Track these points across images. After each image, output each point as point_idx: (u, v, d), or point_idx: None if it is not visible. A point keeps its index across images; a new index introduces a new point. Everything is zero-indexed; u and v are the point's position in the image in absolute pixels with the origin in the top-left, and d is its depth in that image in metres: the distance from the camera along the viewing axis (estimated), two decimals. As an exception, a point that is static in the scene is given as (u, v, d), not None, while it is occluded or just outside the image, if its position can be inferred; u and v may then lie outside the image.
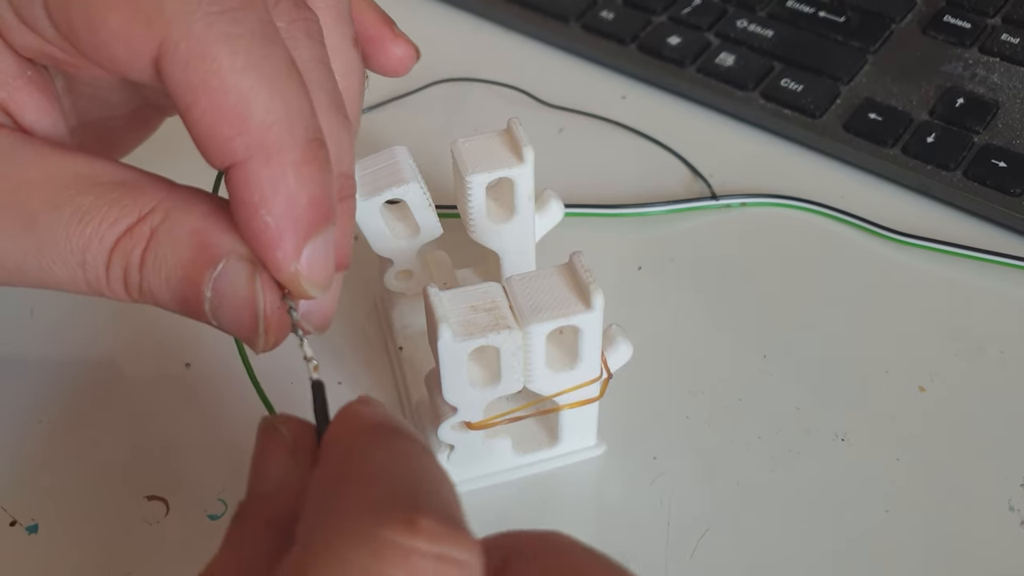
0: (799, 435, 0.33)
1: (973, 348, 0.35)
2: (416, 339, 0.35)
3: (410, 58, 0.31)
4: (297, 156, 0.22)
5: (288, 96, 0.22)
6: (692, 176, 0.42)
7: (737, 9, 0.47)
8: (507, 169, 0.31)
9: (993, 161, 0.39)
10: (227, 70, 0.21)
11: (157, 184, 0.24)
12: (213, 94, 0.21)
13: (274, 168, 0.22)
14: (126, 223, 0.23)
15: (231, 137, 0.22)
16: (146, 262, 0.23)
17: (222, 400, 0.34)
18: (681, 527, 0.31)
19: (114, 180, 0.23)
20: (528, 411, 0.30)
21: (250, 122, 0.22)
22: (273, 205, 0.22)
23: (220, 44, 0.21)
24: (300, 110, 0.22)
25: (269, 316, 0.23)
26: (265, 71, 0.22)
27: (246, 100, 0.22)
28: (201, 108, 0.22)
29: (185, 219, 0.23)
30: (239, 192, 0.22)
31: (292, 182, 0.22)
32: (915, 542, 0.30)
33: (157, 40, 0.21)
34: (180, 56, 0.21)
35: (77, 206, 0.23)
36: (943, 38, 0.44)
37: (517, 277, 0.28)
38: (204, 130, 0.22)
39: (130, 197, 0.23)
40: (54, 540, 0.31)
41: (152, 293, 0.24)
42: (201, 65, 0.21)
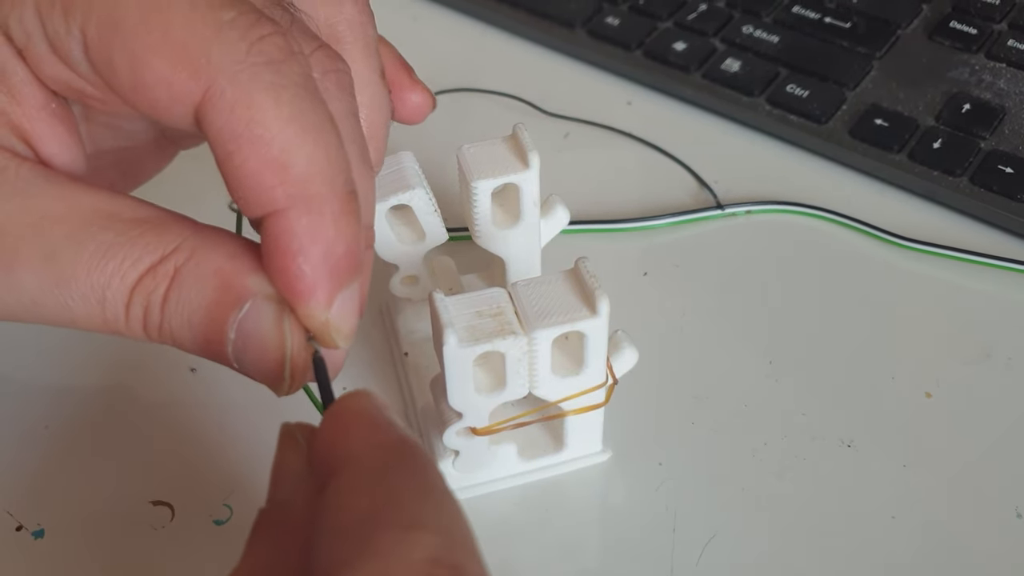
0: (805, 441, 0.33)
1: (979, 354, 0.35)
2: (421, 345, 0.35)
3: (426, 106, 0.31)
4: (336, 208, 0.22)
5: (329, 148, 0.22)
6: (698, 184, 0.42)
7: (743, 15, 0.47)
8: (513, 175, 0.31)
9: (999, 167, 0.39)
10: (272, 119, 0.22)
11: (182, 223, 0.24)
12: (257, 143, 0.22)
13: (314, 218, 0.22)
14: (149, 261, 0.23)
15: (273, 186, 0.22)
16: (168, 301, 0.23)
17: (228, 405, 0.34)
18: (687, 533, 0.31)
19: (137, 217, 0.23)
20: (533, 417, 0.30)
21: (292, 172, 0.22)
22: (311, 254, 0.22)
23: (265, 94, 0.22)
24: (340, 163, 0.23)
25: (296, 358, 0.23)
26: (308, 123, 0.22)
27: (289, 151, 0.22)
28: (243, 156, 0.22)
29: (210, 258, 0.23)
30: (277, 240, 0.22)
31: (331, 233, 0.22)
32: (921, 548, 0.30)
33: (203, 87, 0.22)
34: (225, 104, 0.22)
35: (99, 242, 0.23)
36: (949, 44, 0.44)
37: (522, 283, 0.28)
38: (245, 178, 0.22)
39: (154, 234, 0.23)
40: (60, 545, 0.31)
41: (172, 333, 0.23)
42: (246, 114, 0.22)
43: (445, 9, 0.51)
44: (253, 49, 0.22)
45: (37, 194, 0.23)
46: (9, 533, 0.31)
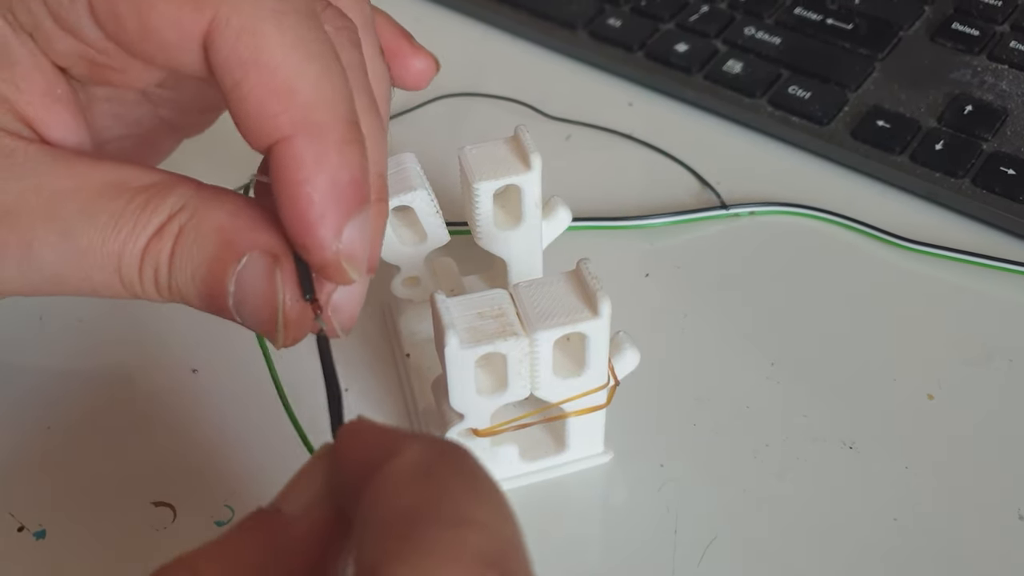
0: (807, 443, 0.33)
1: (982, 356, 0.35)
2: (423, 346, 0.35)
3: (430, 70, 0.31)
4: (339, 135, 0.23)
5: (332, 76, 0.23)
6: (700, 185, 0.42)
7: (745, 16, 0.47)
8: (514, 176, 0.31)
9: (1002, 168, 0.39)
10: (276, 46, 0.22)
11: (185, 183, 0.24)
12: (262, 70, 0.22)
13: (319, 146, 0.22)
14: (157, 223, 0.23)
15: (278, 113, 0.22)
16: (174, 259, 0.23)
17: (229, 406, 0.34)
18: (688, 535, 0.31)
19: (144, 183, 0.24)
20: (535, 418, 0.30)
21: (297, 99, 0.22)
22: (318, 182, 0.22)
23: (269, 21, 0.22)
24: (344, 91, 0.23)
25: (288, 311, 0.23)
26: (312, 51, 0.22)
27: (293, 77, 0.22)
28: (250, 84, 0.22)
29: (212, 216, 0.23)
30: (283, 169, 0.22)
31: (335, 160, 0.22)
32: (923, 550, 0.30)
33: (207, 18, 0.22)
34: (231, 32, 0.22)
35: (110, 212, 0.23)
36: (951, 45, 0.44)
37: (524, 284, 0.28)
38: (252, 106, 0.22)
39: (160, 197, 0.23)
40: (61, 546, 0.31)
41: (179, 290, 0.24)
42: (251, 40, 0.22)
43: (447, 11, 0.51)
44: None
45: (46, 172, 0.24)
46: (11, 534, 0.31)
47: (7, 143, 0.24)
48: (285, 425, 0.29)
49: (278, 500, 0.21)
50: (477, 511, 0.19)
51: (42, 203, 0.23)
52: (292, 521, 0.21)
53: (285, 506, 0.21)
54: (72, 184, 0.23)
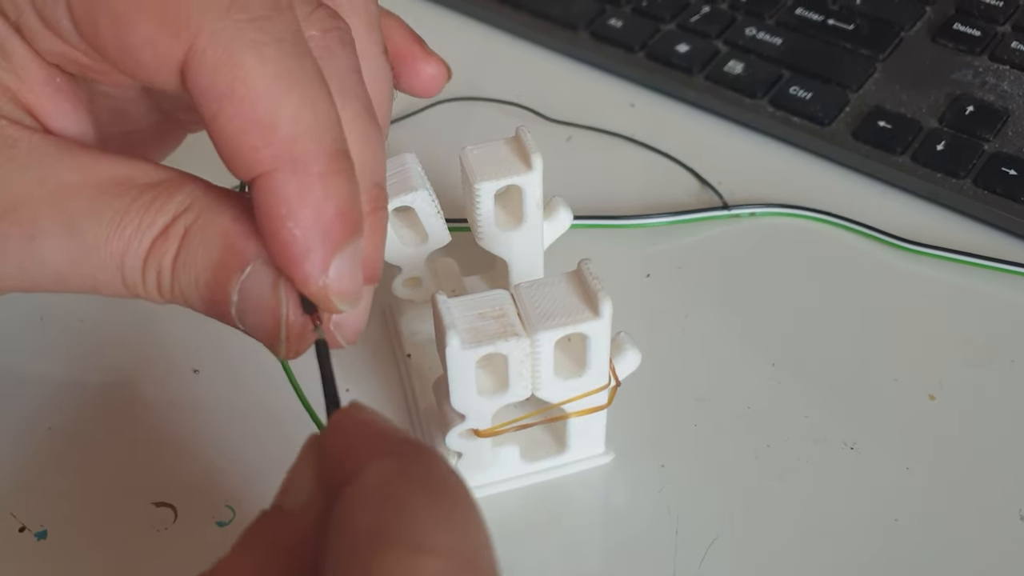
0: (808, 444, 0.33)
1: (983, 357, 0.35)
2: (424, 346, 0.35)
3: (441, 77, 0.30)
4: (323, 167, 0.22)
5: (316, 106, 0.22)
6: (701, 185, 0.42)
7: (746, 17, 0.47)
8: (515, 176, 0.31)
9: (1003, 169, 0.39)
10: (255, 78, 0.21)
11: (193, 183, 0.24)
12: (240, 103, 0.21)
13: (301, 180, 0.22)
14: (162, 223, 0.23)
15: (258, 148, 0.21)
16: (177, 262, 0.23)
17: (230, 406, 0.34)
18: (689, 536, 0.31)
19: (150, 181, 0.23)
20: (536, 419, 0.30)
21: (278, 132, 0.21)
22: (300, 217, 0.22)
23: (248, 52, 0.21)
24: (328, 120, 0.22)
25: (291, 324, 0.23)
26: (293, 80, 0.22)
27: (274, 110, 0.21)
28: (227, 116, 0.21)
29: (217, 220, 0.23)
30: (265, 204, 0.22)
31: (319, 193, 0.22)
32: (924, 551, 0.30)
33: (184, 46, 0.21)
34: (207, 63, 0.21)
35: (116, 209, 0.23)
36: (953, 46, 0.44)
37: (525, 284, 0.28)
38: (230, 140, 0.22)
39: (166, 196, 0.23)
40: (63, 546, 0.31)
41: (182, 293, 0.24)
42: (228, 73, 0.21)
43: (448, 11, 0.51)
44: (235, 5, 0.21)
45: (52, 164, 0.23)
46: (12, 534, 0.31)
47: (10, 132, 0.23)
48: (286, 425, 0.29)
49: (278, 498, 0.21)
50: (437, 533, 0.18)
51: (46, 196, 0.23)
52: (295, 517, 0.21)
53: (285, 503, 0.21)
54: (77, 177, 0.23)
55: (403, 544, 0.18)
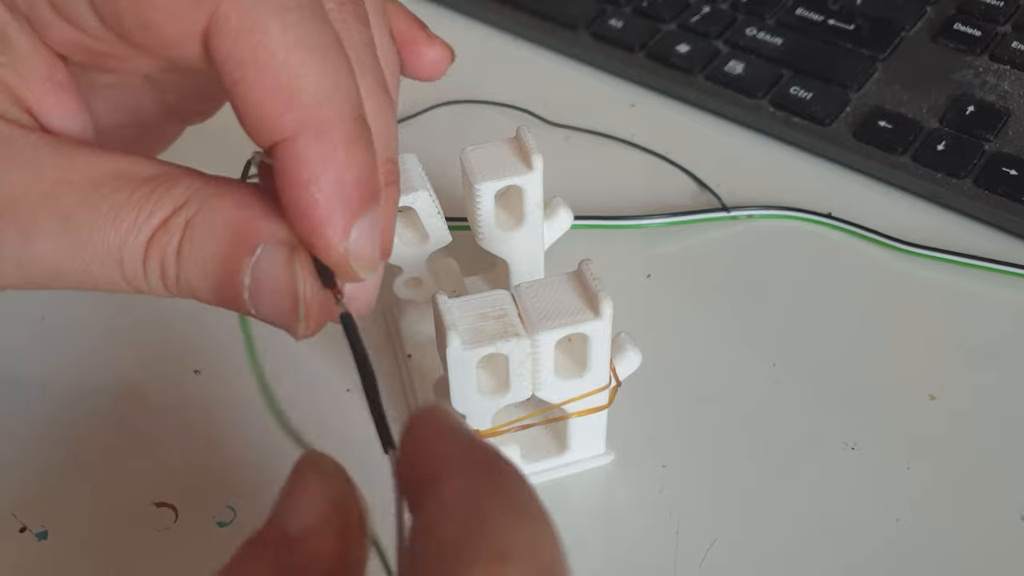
0: (808, 444, 0.33)
1: (983, 357, 0.35)
2: (425, 347, 0.35)
3: (445, 60, 0.30)
4: (345, 134, 0.22)
5: (337, 73, 0.22)
6: (700, 187, 0.42)
7: (746, 17, 0.47)
8: (516, 177, 0.31)
9: (1004, 169, 0.39)
10: (278, 44, 0.21)
11: (190, 176, 0.24)
12: (264, 68, 0.21)
13: (324, 145, 0.22)
14: (161, 216, 0.23)
15: (281, 113, 0.21)
16: (183, 253, 0.23)
17: (231, 407, 0.34)
18: (690, 536, 0.31)
19: (148, 174, 0.23)
20: (537, 419, 0.30)
21: (301, 98, 0.21)
22: (323, 182, 0.22)
23: (271, 17, 0.21)
24: (348, 88, 0.22)
25: (310, 300, 0.23)
26: (316, 46, 0.22)
27: (297, 75, 0.21)
28: (249, 82, 0.21)
29: (220, 208, 0.23)
30: (288, 170, 0.22)
31: (341, 160, 0.22)
32: (925, 551, 0.30)
33: (207, 14, 0.21)
34: (231, 29, 0.21)
35: (112, 202, 0.23)
36: (953, 46, 0.44)
37: (526, 285, 0.28)
38: (253, 106, 0.22)
39: (163, 189, 0.23)
40: (63, 546, 0.31)
41: (190, 284, 0.23)
42: (251, 38, 0.21)
43: (449, 12, 0.51)
44: None
45: (47, 162, 0.23)
46: (13, 535, 0.31)
47: (6, 131, 0.23)
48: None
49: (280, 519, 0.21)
50: (520, 543, 0.18)
51: (42, 193, 0.23)
52: (304, 538, 0.20)
53: (290, 526, 0.20)
54: (74, 174, 0.23)
55: (488, 556, 0.18)
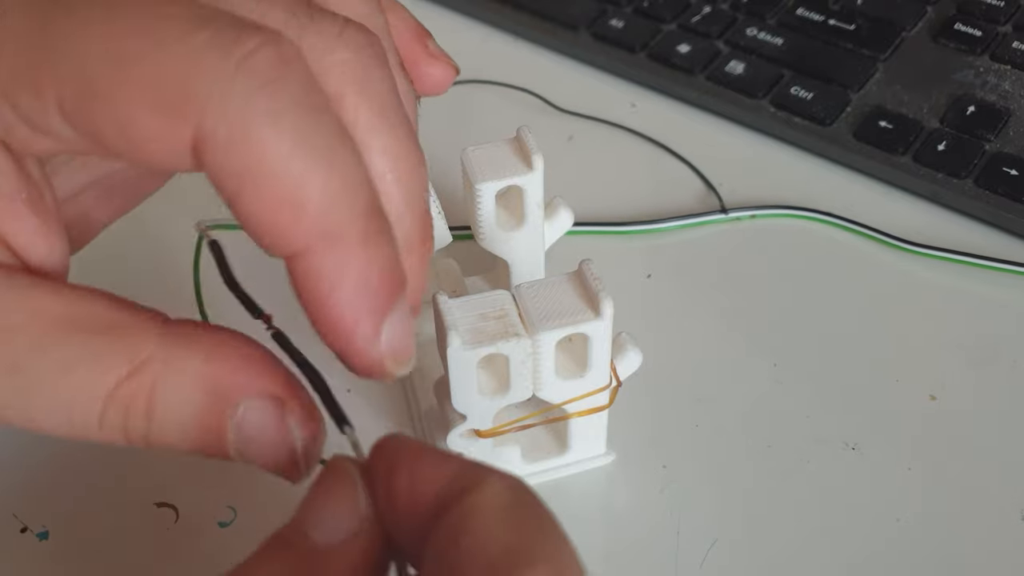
0: (809, 444, 0.33)
1: (984, 357, 0.35)
2: (425, 347, 0.35)
3: (447, 79, 0.29)
4: (360, 235, 0.20)
5: (345, 170, 0.20)
6: (702, 185, 0.42)
7: (747, 17, 0.47)
8: (516, 177, 0.31)
9: (1004, 169, 0.39)
10: (274, 153, 0.19)
11: (149, 323, 0.21)
12: (262, 181, 0.19)
13: (339, 254, 0.20)
14: (117, 375, 0.21)
15: (289, 226, 0.20)
16: (154, 412, 0.21)
17: (232, 407, 0.34)
18: (691, 536, 0.31)
19: (102, 323, 0.21)
20: (537, 419, 0.30)
21: (307, 208, 0.20)
22: (344, 291, 0.20)
23: (263, 125, 0.19)
24: (357, 182, 0.20)
25: (307, 453, 0.22)
26: (316, 148, 0.20)
27: (299, 184, 0.19)
28: (249, 197, 0.19)
29: (188, 364, 0.21)
30: (306, 284, 0.20)
31: (361, 262, 0.20)
32: (926, 551, 0.30)
33: (192, 129, 0.19)
34: (219, 143, 0.19)
35: (63, 352, 0.21)
36: (954, 46, 0.44)
37: (526, 285, 0.28)
38: (256, 221, 0.20)
39: (121, 343, 0.21)
40: (64, 547, 0.31)
41: (164, 443, 0.22)
42: (244, 149, 0.19)
43: (449, 12, 0.51)
44: (240, 72, 0.19)
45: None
46: (14, 535, 0.31)
47: None
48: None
49: (303, 523, 0.20)
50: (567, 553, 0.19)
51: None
52: (329, 552, 0.20)
53: (317, 534, 0.20)
54: (23, 317, 0.21)
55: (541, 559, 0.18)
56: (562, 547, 0.19)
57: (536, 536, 0.18)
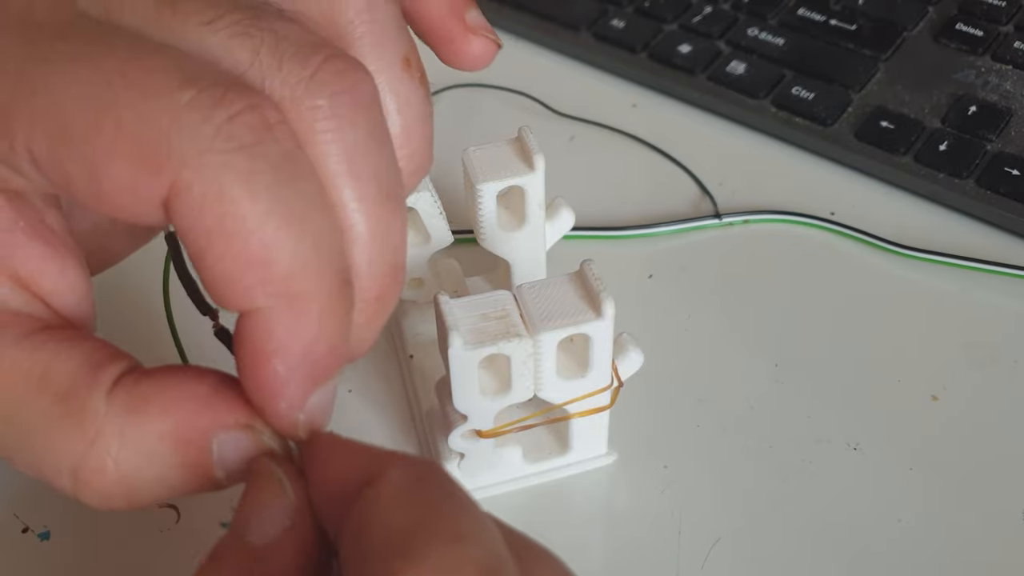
0: (811, 444, 0.33)
1: (986, 358, 0.35)
2: (427, 347, 0.35)
3: (488, 55, 0.27)
4: (323, 303, 0.20)
5: (318, 238, 0.20)
6: (698, 190, 0.42)
7: (748, 17, 0.47)
8: (518, 177, 0.31)
9: (1006, 169, 0.39)
10: (247, 214, 0.19)
11: (99, 389, 0.21)
12: (231, 240, 0.19)
13: (297, 316, 0.20)
14: (73, 451, 0.21)
15: (252, 286, 0.19)
16: (128, 480, 0.21)
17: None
18: (692, 537, 0.31)
19: (61, 387, 0.21)
20: (539, 419, 0.30)
21: (274, 269, 0.19)
22: (289, 355, 0.20)
23: (238, 186, 0.19)
24: (330, 250, 0.20)
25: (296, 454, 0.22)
26: (291, 212, 0.19)
27: (269, 247, 0.19)
28: (217, 254, 0.19)
29: (146, 428, 0.21)
30: (251, 338, 0.20)
31: (314, 332, 0.20)
32: (928, 552, 0.30)
33: (167, 183, 0.19)
34: (193, 199, 0.19)
35: (25, 421, 0.21)
36: (955, 46, 0.44)
37: (527, 285, 0.28)
38: (219, 278, 0.19)
39: (71, 420, 0.21)
40: (66, 547, 0.31)
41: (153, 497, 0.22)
42: (217, 208, 0.19)
43: (450, 12, 0.51)
44: (221, 133, 0.19)
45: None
46: (15, 535, 0.31)
47: None
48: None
49: (238, 528, 0.20)
50: (471, 527, 0.18)
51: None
52: (268, 549, 0.20)
53: (253, 536, 0.20)
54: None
55: (444, 535, 0.18)
56: (463, 522, 0.18)
57: (431, 515, 0.18)
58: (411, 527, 0.18)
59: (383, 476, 0.19)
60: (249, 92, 0.19)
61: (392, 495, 0.19)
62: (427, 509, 0.19)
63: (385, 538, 0.18)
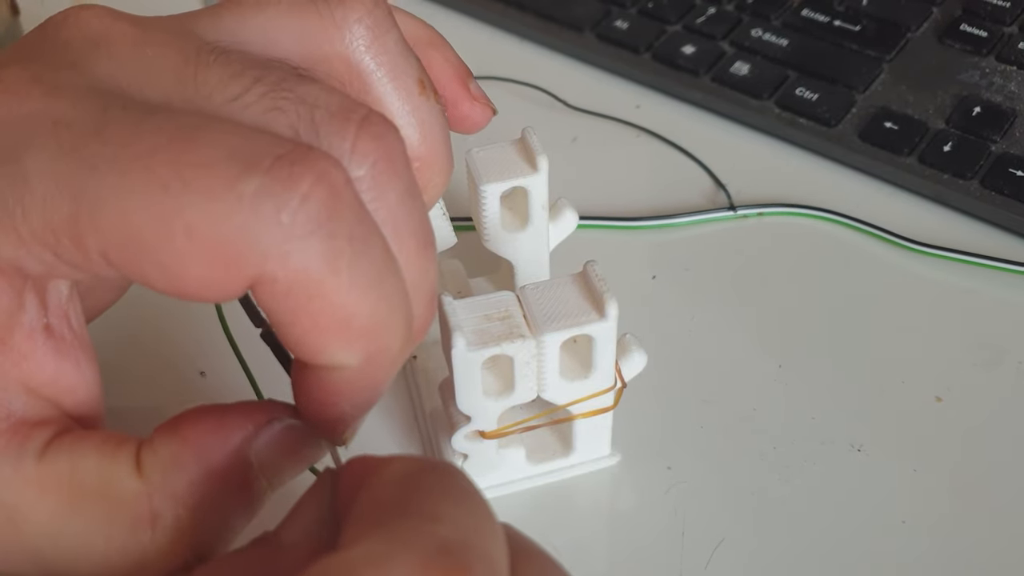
0: (815, 445, 0.33)
1: (990, 358, 0.35)
2: (430, 348, 0.35)
3: (485, 120, 0.29)
4: (395, 355, 0.21)
5: (392, 297, 0.21)
6: (709, 184, 0.42)
7: (752, 18, 0.47)
8: (521, 178, 0.31)
9: (1010, 170, 0.39)
10: (331, 291, 0.20)
11: (128, 466, 0.22)
12: (317, 315, 0.20)
13: (373, 369, 0.21)
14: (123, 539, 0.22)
15: (334, 348, 0.20)
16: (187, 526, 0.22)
17: (236, 409, 0.34)
18: (696, 538, 0.31)
19: (92, 488, 0.22)
20: (542, 420, 0.30)
21: (354, 331, 0.20)
22: (359, 399, 0.22)
23: (321, 267, 0.19)
24: (403, 309, 0.21)
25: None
26: (369, 280, 0.20)
27: (352, 314, 0.20)
28: (303, 327, 0.20)
29: (176, 485, 0.22)
30: (323, 384, 0.21)
31: (385, 378, 0.22)
32: (932, 553, 0.30)
33: (249, 280, 0.19)
34: (279, 289, 0.19)
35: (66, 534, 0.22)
36: (959, 46, 0.44)
37: (531, 286, 0.28)
38: (303, 341, 0.20)
39: (117, 511, 0.22)
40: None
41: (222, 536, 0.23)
42: (304, 291, 0.19)
43: (454, 13, 0.51)
44: (297, 220, 0.19)
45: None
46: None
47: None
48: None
49: (279, 530, 0.21)
50: (450, 510, 0.19)
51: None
52: (290, 547, 0.21)
53: (284, 536, 0.21)
54: (16, 498, 0.21)
55: (416, 513, 0.19)
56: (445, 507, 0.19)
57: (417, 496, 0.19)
58: (393, 502, 0.19)
59: (388, 464, 0.20)
60: (312, 158, 0.19)
61: (390, 478, 0.20)
62: (415, 491, 0.19)
63: (365, 511, 0.19)
